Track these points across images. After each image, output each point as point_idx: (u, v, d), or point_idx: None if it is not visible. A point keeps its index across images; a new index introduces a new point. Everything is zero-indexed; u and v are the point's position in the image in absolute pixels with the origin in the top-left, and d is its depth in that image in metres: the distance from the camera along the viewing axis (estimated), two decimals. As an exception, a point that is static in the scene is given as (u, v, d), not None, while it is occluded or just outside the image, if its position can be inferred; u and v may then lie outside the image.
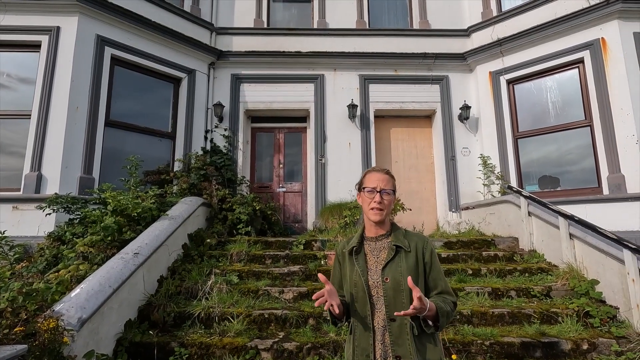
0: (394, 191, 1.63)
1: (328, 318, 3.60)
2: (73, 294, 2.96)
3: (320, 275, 1.46)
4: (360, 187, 1.66)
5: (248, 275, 4.44)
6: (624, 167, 5.56)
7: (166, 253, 4.35)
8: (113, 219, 4.01)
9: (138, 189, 4.84)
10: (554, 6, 6.44)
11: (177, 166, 6.54)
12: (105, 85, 5.82)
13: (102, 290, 3.11)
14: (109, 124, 5.88)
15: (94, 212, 4.19)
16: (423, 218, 7.06)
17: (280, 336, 3.41)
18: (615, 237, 3.81)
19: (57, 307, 2.79)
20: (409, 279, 1.35)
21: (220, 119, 7.18)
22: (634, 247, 3.62)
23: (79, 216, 4.41)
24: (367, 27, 7.71)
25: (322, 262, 4.83)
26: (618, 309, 3.77)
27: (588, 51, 6.08)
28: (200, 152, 6.83)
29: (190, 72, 6.94)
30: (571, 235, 4.50)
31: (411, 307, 1.32)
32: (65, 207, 4.46)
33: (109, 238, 3.90)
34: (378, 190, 1.56)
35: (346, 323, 1.64)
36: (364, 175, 1.67)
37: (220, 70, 7.42)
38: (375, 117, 7.45)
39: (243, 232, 5.61)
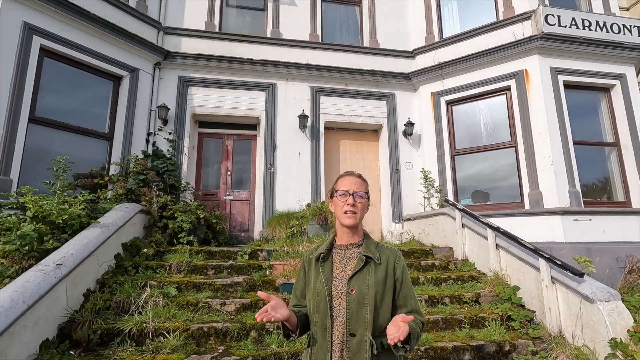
0: (367, 195, 1.57)
1: (271, 330, 3.57)
2: (-24, 312, 2.60)
3: (260, 293, 1.38)
4: (332, 192, 1.59)
5: (188, 287, 4.23)
6: (541, 185, 6.25)
7: (95, 264, 3.99)
8: (33, 227, 3.60)
9: (66, 194, 4.41)
10: (487, 37, 7.14)
11: (114, 170, 6.08)
12: (32, 78, 5.26)
13: (13, 307, 2.76)
14: (34, 121, 5.31)
15: (9, 218, 3.73)
16: (368, 228, 7.29)
17: (220, 350, 3.28)
18: (533, 248, 4.26)
19: (-45, 327, 2.42)
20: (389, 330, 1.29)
21: (165, 122, 6.84)
22: (547, 256, 4.07)
23: (-11, 223, 3.89)
24: (320, 40, 7.90)
25: (268, 273, 4.76)
26: (534, 312, 4.20)
27: (514, 80, 6.80)
28: (141, 156, 6.42)
29: (133, 71, 6.54)
30: (497, 246, 4.94)
31: (395, 337, 1.23)
32: (-28, 212, 3.91)
33: (27, 248, 3.49)
34: (351, 192, 1.50)
35: (305, 336, 1.55)
36: (337, 180, 1.60)
37: (166, 71, 7.09)
38: (326, 128, 7.61)
39: (185, 242, 5.35)
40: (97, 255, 3.99)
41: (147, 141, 6.68)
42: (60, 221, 3.92)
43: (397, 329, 1.24)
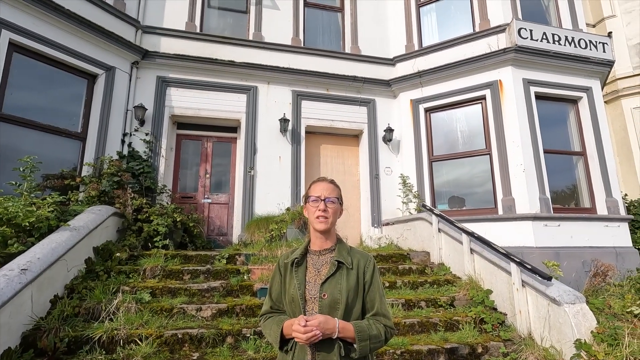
0: (340, 200, 1.60)
1: (248, 335, 3.53)
2: None
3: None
4: (305, 199, 1.63)
5: (162, 292, 4.12)
6: (514, 191, 6.48)
7: (64, 269, 3.84)
8: (-4, 230, 3.43)
9: (33, 195, 4.23)
10: (464, 48, 7.37)
11: (87, 171, 5.86)
12: (-1, 73, 5.03)
13: (-27, 315, 2.62)
14: (1, 118, 5.06)
15: (-30, 220, 3.53)
16: (347, 232, 7.33)
17: (195, 357, 3.21)
18: (504, 252, 4.40)
19: None
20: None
21: (142, 123, 6.67)
22: (518, 260, 4.22)
23: (-52, 225, 3.67)
24: (302, 45, 7.93)
25: (246, 277, 4.70)
26: (506, 315, 4.33)
27: (489, 90, 7.04)
28: (116, 157, 6.23)
29: (109, 69, 6.36)
30: (472, 250, 5.07)
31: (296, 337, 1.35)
32: None
33: (-11, 252, 3.32)
34: (322, 198, 1.54)
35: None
36: (309, 187, 1.63)
37: (144, 70, 6.93)
38: (307, 132, 7.62)
39: (160, 246, 5.20)
40: (66, 259, 3.84)
41: (123, 142, 6.49)
42: (27, 224, 3.75)
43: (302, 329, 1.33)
